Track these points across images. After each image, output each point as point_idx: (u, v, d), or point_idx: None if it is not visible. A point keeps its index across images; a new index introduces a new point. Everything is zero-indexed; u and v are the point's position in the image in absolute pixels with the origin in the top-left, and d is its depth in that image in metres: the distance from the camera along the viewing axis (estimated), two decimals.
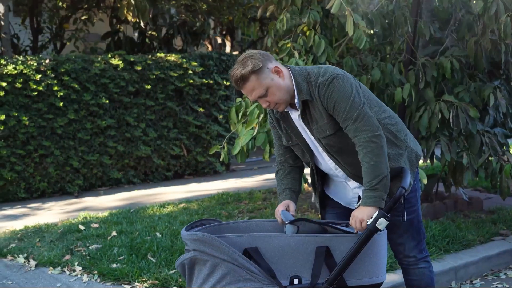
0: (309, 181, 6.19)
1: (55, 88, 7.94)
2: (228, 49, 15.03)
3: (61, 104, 8.01)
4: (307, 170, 3.57)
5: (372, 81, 5.71)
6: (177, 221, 6.29)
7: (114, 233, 5.88)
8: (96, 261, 5.14)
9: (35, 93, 7.83)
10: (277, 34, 6.21)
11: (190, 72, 9.09)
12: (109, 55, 8.65)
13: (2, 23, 8.63)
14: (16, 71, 7.69)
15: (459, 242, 5.54)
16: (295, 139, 3.33)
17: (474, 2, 5.85)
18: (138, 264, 5.02)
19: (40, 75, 7.80)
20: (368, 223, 2.94)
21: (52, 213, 7.26)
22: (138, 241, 5.52)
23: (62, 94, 7.98)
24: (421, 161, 7.96)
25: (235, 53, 12.15)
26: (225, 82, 9.53)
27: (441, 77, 5.71)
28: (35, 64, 7.87)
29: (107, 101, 8.43)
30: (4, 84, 7.56)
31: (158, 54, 9.02)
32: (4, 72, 7.62)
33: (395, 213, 3.14)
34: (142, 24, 9.24)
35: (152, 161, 9.03)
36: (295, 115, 3.27)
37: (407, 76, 5.81)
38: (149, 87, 8.76)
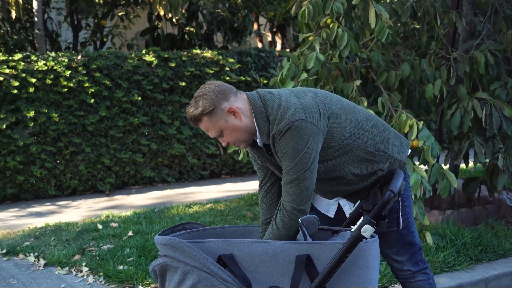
0: None
1: (86, 84, 7.83)
2: (278, 47, 14.76)
3: (92, 101, 7.89)
4: None
5: (401, 77, 5.37)
6: (199, 222, 6.06)
7: (130, 233, 5.71)
8: (104, 262, 4.98)
9: (66, 89, 7.75)
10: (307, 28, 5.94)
11: (227, 69, 8.86)
12: (143, 51, 8.50)
13: (36, 19, 8.59)
14: (46, 68, 7.61)
15: (494, 251, 5.16)
16: (266, 161, 3.08)
17: None
18: (146, 266, 4.83)
19: (70, 71, 7.70)
20: (352, 230, 2.65)
21: (79, 211, 7.16)
22: (152, 242, 5.33)
23: (93, 90, 7.87)
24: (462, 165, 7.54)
25: (286, 50, 11.87)
26: (263, 80, 9.25)
27: (475, 72, 5.32)
28: (66, 60, 7.77)
29: (140, 98, 8.27)
30: (34, 80, 7.47)
31: (194, 51, 8.80)
32: (35, 69, 7.55)
33: (388, 224, 2.84)
34: (174, 20, 9.06)
35: (186, 160, 8.83)
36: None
37: (440, 72, 5.44)
38: (184, 84, 8.56)
